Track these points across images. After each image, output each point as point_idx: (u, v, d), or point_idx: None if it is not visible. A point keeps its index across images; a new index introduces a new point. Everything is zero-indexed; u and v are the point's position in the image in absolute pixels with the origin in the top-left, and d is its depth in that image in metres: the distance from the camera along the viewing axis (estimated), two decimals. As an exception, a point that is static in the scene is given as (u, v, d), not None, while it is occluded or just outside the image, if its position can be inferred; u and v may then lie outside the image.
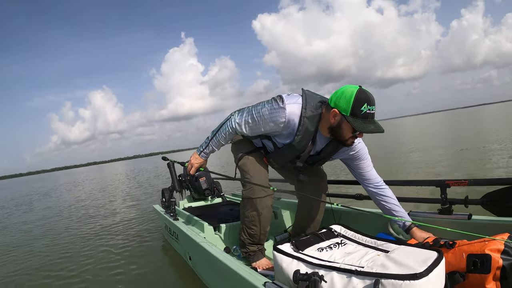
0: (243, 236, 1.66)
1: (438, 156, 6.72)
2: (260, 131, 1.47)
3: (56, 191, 12.66)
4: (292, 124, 1.38)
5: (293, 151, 1.48)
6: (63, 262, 2.65)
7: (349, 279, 0.95)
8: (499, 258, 1.03)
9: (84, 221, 4.46)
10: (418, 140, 11.93)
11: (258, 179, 1.53)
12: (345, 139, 1.35)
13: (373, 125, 1.27)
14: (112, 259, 2.58)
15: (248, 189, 1.56)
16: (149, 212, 4.33)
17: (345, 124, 1.30)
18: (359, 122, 1.25)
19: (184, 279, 2.04)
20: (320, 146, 1.48)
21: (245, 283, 1.16)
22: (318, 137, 1.44)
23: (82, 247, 3.07)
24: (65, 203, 7.21)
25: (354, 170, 1.57)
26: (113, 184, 11.74)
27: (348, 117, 1.27)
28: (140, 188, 8.46)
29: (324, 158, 1.55)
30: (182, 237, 2.13)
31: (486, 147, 6.97)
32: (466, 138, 10.19)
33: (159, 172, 13.87)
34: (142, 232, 3.39)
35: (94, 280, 2.19)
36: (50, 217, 5.39)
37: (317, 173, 1.74)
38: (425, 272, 0.87)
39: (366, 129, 1.25)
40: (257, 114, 1.43)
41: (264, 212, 1.57)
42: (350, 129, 1.30)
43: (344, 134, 1.33)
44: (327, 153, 1.50)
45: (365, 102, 1.24)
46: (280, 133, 1.44)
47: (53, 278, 2.31)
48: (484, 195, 1.54)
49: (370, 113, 1.26)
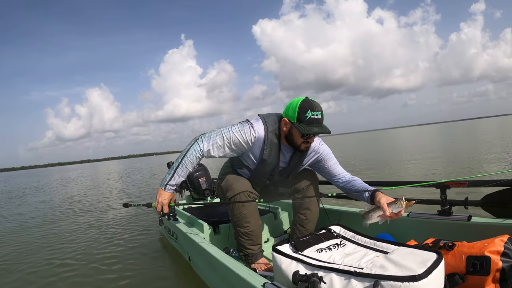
0: (240, 238, 1.65)
1: (430, 164, 6.79)
2: (229, 151, 1.57)
3: (50, 187, 12.67)
4: (260, 140, 1.53)
5: (266, 166, 1.60)
6: (63, 264, 2.65)
7: (348, 281, 0.95)
8: (498, 260, 1.03)
9: (84, 221, 4.46)
10: (411, 150, 12.00)
11: (241, 187, 1.60)
12: (298, 144, 1.52)
13: (317, 128, 1.44)
14: (111, 259, 2.57)
15: (225, 187, 1.64)
16: (148, 212, 4.33)
17: (294, 131, 1.48)
18: (304, 126, 1.43)
19: (184, 279, 2.04)
20: (287, 157, 1.62)
21: (244, 283, 1.16)
22: (283, 148, 1.59)
23: (81, 247, 3.07)
24: (59, 201, 7.21)
25: (323, 171, 1.69)
26: (108, 182, 11.75)
27: (295, 123, 1.45)
28: (137, 187, 8.46)
29: (295, 167, 1.67)
30: (182, 237, 2.13)
31: (474, 157, 7.13)
32: (458, 149, 10.30)
33: (153, 172, 13.88)
34: (141, 232, 3.39)
35: (93, 280, 2.19)
36: (50, 219, 5.39)
37: (306, 176, 1.75)
38: (425, 274, 0.87)
39: (310, 131, 1.43)
40: (227, 134, 1.54)
41: (252, 206, 1.62)
42: (298, 134, 1.48)
43: (295, 139, 1.50)
44: (296, 162, 1.63)
45: (308, 109, 1.43)
46: (250, 151, 1.57)
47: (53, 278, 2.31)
48: (484, 197, 1.53)
49: (315, 118, 1.43)
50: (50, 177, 23.27)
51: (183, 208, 2.58)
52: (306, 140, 1.51)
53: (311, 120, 1.43)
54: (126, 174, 15.46)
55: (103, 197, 6.77)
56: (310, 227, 1.75)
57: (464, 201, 1.54)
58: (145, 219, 3.98)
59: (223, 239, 1.96)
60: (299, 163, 1.65)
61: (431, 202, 1.69)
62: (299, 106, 1.44)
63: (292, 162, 1.63)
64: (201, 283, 1.83)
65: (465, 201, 1.54)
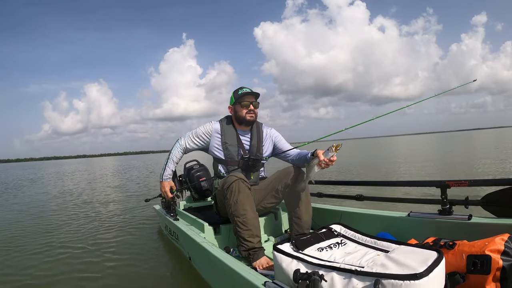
0: (239, 230, 1.67)
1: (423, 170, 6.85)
2: (197, 142, 2.03)
3: (46, 182, 12.67)
4: (217, 130, 1.99)
5: (231, 148, 1.95)
6: (61, 265, 2.65)
7: (349, 279, 0.95)
8: (499, 259, 1.03)
9: (83, 222, 4.46)
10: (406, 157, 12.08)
11: (235, 176, 1.74)
12: (243, 116, 1.92)
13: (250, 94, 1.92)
14: (111, 259, 2.58)
15: (222, 183, 1.80)
16: (148, 212, 4.34)
17: (237, 107, 1.94)
18: (241, 98, 1.92)
19: (185, 279, 2.04)
20: (247, 137, 2.00)
21: (245, 282, 1.16)
22: (240, 132, 2.00)
23: (78, 245, 3.07)
24: (57, 200, 7.20)
25: (278, 152, 2.03)
26: (108, 179, 11.77)
27: (235, 102, 1.95)
28: (139, 185, 8.46)
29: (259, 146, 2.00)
30: (183, 237, 2.13)
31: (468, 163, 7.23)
32: (453, 158, 10.38)
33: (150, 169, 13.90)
34: (141, 232, 3.39)
35: (93, 280, 2.19)
36: (46, 219, 5.39)
37: (292, 171, 1.87)
38: (425, 272, 0.87)
39: (245, 97, 1.91)
40: (194, 130, 2.05)
41: (246, 192, 1.72)
42: (240, 107, 1.92)
43: (240, 114, 1.93)
44: (256, 138, 1.99)
45: (239, 89, 1.97)
46: (213, 140, 1.99)
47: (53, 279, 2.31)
48: (484, 196, 1.54)
49: (246, 91, 1.93)
50: (46, 170, 23.14)
51: (183, 209, 2.59)
52: (248, 110, 1.92)
53: (244, 94, 1.92)
54: (124, 171, 15.48)
55: (103, 196, 6.77)
56: (305, 226, 1.79)
57: (464, 200, 1.55)
58: (145, 218, 3.99)
59: (223, 239, 1.96)
60: (260, 141, 2.00)
61: (432, 201, 1.69)
62: (233, 92, 1.98)
63: (253, 140, 1.98)
64: (202, 282, 1.83)
65: (465, 200, 1.54)
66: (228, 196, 1.72)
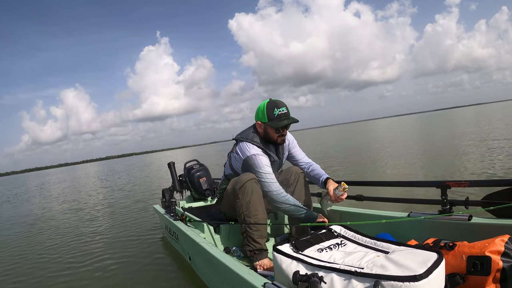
0: (248, 230, 1.67)
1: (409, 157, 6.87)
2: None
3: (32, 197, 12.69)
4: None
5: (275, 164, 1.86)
6: (60, 264, 2.65)
7: (349, 281, 0.95)
8: (499, 260, 1.02)
9: (83, 221, 4.47)
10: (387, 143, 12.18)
11: (249, 176, 1.69)
12: (275, 139, 1.76)
13: (286, 120, 1.71)
14: (111, 259, 2.58)
15: (233, 182, 1.74)
16: (148, 212, 4.34)
17: (268, 129, 1.74)
18: (275, 123, 1.70)
19: (184, 279, 2.04)
20: (274, 152, 1.85)
21: (245, 283, 1.16)
22: (266, 146, 1.80)
23: (80, 247, 3.07)
24: (52, 205, 7.22)
25: (290, 157, 1.97)
26: (100, 184, 11.77)
27: (267, 123, 1.71)
28: (135, 187, 8.46)
29: (283, 159, 1.94)
30: (182, 237, 2.13)
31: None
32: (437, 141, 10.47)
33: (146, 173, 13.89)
34: (141, 232, 3.39)
35: (93, 280, 2.19)
36: (45, 220, 5.40)
37: (295, 177, 1.89)
38: (425, 274, 0.87)
39: (281, 124, 1.70)
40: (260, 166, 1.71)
41: (259, 192, 1.69)
42: (273, 130, 1.73)
43: (271, 136, 1.75)
44: (282, 153, 1.90)
45: (274, 107, 1.70)
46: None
47: (53, 279, 2.31)
48: (485, 197, 1.53)
49: (282, 113, 1.70)
50: (31, 181, 22.55)
51: (183, 208, 2.59)
52: (281, 134, 1.75)
53: (279, 116, 1.70)
54: (112, 174, 15.40)
55: (101, 197, 6.77)
56: (302, 226, 1.78)
57: (464, 201, 1.54)
58: (145, 220, 3.99)
59: (223, 239, 1.96)
60: (283, 149, 1.91)
61: (432, 202, 1.69)
62: (266, 108, 1.71)
63: (279, 155, 1.87)
64: (201, 283, 1.83)
65: (465, 201, 1.54)
66: (240, 196, 1.68)
